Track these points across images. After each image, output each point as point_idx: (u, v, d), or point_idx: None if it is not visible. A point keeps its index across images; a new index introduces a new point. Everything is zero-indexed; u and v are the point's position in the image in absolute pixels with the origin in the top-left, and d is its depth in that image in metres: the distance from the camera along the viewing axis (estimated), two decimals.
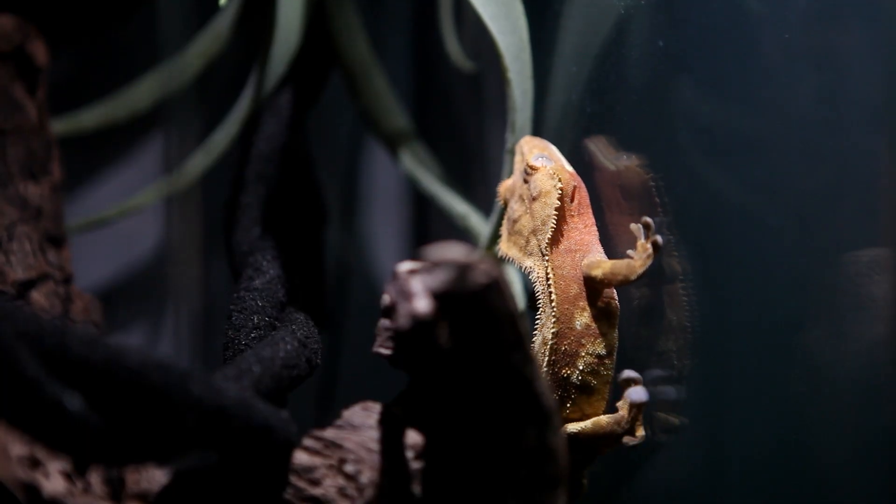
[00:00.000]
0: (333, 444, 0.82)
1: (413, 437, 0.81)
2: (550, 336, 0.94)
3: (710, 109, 0.96)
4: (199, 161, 1.28)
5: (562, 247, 0.97)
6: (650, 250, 0.92)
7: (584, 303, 0.95)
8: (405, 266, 0.76)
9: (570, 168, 0.99)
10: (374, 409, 0.84)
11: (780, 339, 0.94)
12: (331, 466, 0.81)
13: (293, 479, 0.81)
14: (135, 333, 1.51)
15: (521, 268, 0.99)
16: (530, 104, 1.09)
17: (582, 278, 0.95)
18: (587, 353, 0.94)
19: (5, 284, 1.11)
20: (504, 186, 1.04)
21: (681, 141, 0.98)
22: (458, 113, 1.38)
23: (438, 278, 0.73)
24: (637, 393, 0.94)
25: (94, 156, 1.47)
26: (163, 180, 1.31)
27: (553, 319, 0.94)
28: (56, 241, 1.19)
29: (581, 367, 0.94)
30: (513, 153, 1.09)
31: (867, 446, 0.91)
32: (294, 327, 0.98)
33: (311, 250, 1.31)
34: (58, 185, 1.21)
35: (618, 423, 0.94)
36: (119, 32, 1.47)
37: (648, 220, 0.93)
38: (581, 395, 0.95)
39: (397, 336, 0.80)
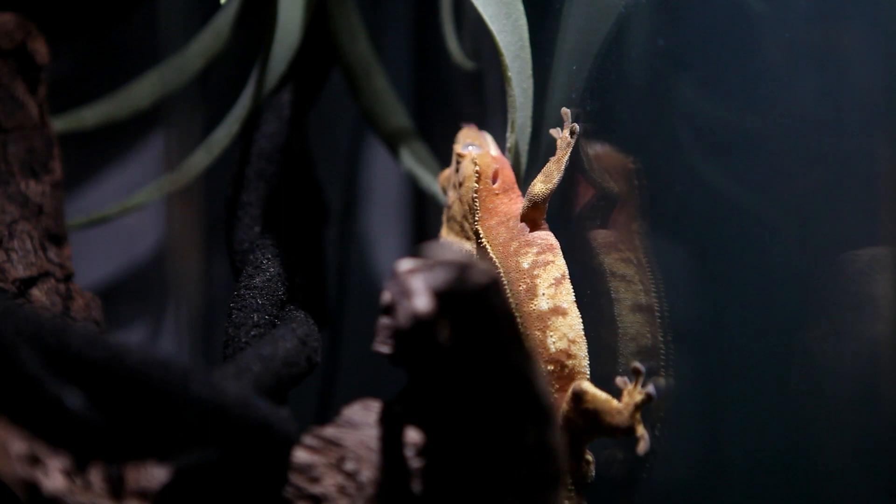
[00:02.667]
0: (333, 442, 0.82)
1: (413, 436, 0.81)
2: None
3: (710, 108, 0.96)
4: (200, 159, 1.28)
5: (493, 222, 1.04)
6: (569, 139, 1.01)
7: (524, 248, 1.01)
8: (405, 264, 0.76)
9: (495, 153, 1.07)
10: (374, 407, 0.84)
11: (779, 338, 0.94)
12: (330, 464, 0.81)
13: (293, 477, 0.81)
14: (135, 331, 1.51)
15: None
16: (530, 103, 1.09)
17: (518, 236, 1.01)
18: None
19: (6, 282, 1.11)
20: (443, 176, 1.12)
21: (681, 140, 0.98)
22: (459, 112, 1.38)
23: (439, 277, 0.73)
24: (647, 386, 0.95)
25: (94, 154, 1.47)
26: (163, 178, 1.31)
27: (507, 292, 0.99)
28: (57, 238, 1.19)
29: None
30: (513, 152, 1.09)
31: (867, 445, 0.91)
32: (294, 325, 0.98)
33: (312, 248, 1.31)
34: (59, 183, 1.21)
35: (620, 411, 0.95)
36: (120, 30, 1.47)
37: (566, 109, 1.01)
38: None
39: (397, 334, 0.80)
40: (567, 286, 0.99)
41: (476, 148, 1.07)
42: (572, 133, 1.01)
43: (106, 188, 1.47)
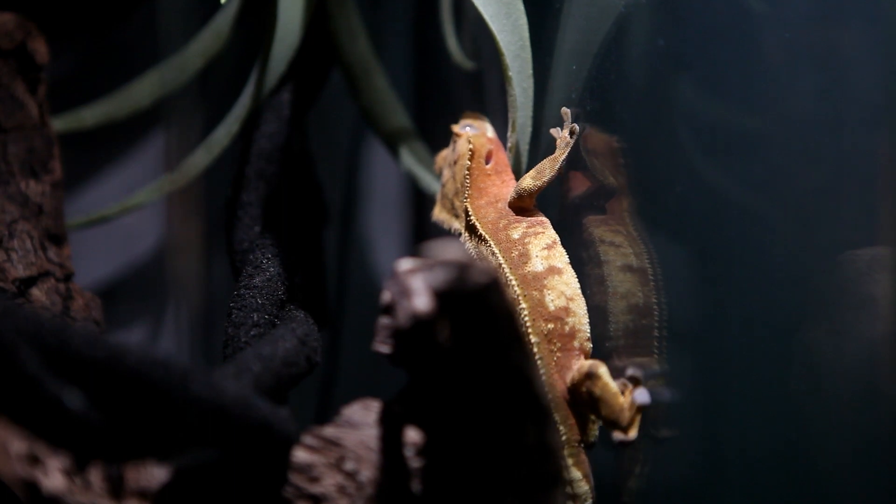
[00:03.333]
0: (333, 442, 0.82)
1: (412, 435, 0.81)
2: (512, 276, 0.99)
3: (710, 108, 0.96)
4: (200, 159, 1.28)
5: (482, 201, 1.05)
6: (569, 139, 1.01)
7: (513, 224, 1.02)
8: (405, 264, 0.76)
9: (491, 135, 1.08)
10: (374, 406, 0.84)
11: (779, 338, 0.94)
12: (330, 464, 0.81)
13: (293, 477, 0.81)
14: (135, 331, 1.51)
15: (450, 230, 1.07)
16: (531, 103, 1.09)
17: (507, 216, 1.03)
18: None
19: (6, 282, 1.11)
20: (440, 156, 1.14)
21: (681, 139, 0.98)
22: (459, 111, 1.38)
23: (439, 277, 0.73)
24: (641, 395, 0.95)
25: (94, 153, 1.47)
26: (163, 178, 1.31)
27: (500, 260, 1.00)
28: (57, 238, 1.19)
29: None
30: (514, 151, 1.09)
31: (867, 445, 0.91)
32: (294, 325, 0.98)
33: (312, 248, 1.31)
34: (59, 183, 1.21)
35: (623, 409, 0.95)
36: (120, 30, 1.47)
37: (566, 109, 1.01)
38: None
39: (397, 334, 0.80)
40: (560, 249, 1.00)
41: (473, 129, 1.09)
42: (572, 133, 1.02)
43: (106, 188, 1.47)
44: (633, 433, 0.94)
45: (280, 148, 1.25)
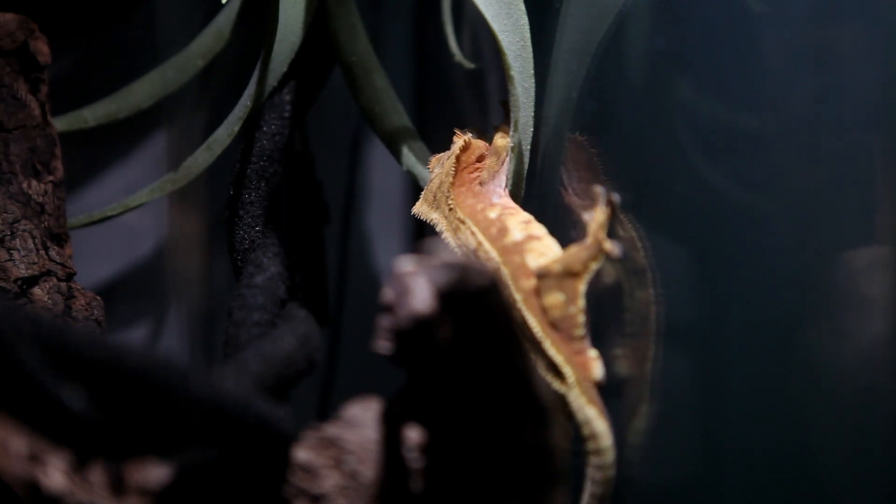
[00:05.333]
0: (333, 441, 0.82)
1: (412, 435, 0.81)
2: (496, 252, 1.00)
3: (709, 108, 0.96)
4: (201, 158, 1.27)
5: (464, 188, 1.08)
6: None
7: (490, 207, 1.04)
8: (405, 264, 0.76)
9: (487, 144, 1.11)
10: (374, 406, 0.84)
11: (778, 337, 0.94)
12: (330, 463, 0.82)
13: (292, 476, 0.81)
14: (137, 330, 1.51)
15: (429, 221, 1.09)
16: (532, 102, 1.09)
17: (484, 200, 1.06)
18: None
19: (8, 281, 1.11)
20: (435, 157, 1.16)
21: (680, 139, 0.98)
22: (459, 111, 1.38)
23: (439, 277, 0.73)
24: (590, 214, 0.95)
25: (96, 153, 1.47)
26: (165, 177, 1.31)
27: (480, 238, 1.01)
28: (58, 238, 1.20)
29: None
30: (515, 151, 1.09)
31: (866, 444, 0.91)
32: (295, 324, 0.99)
33: (312, 247, 1.31)
34: (60, 183, 1.21)
35: (583, 248, 0.95)
36: (121, 30, 1.47)
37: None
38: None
39: (397, 333, 0.80)
40: (538, 224, 1.01)
41: (475, 136, 1.12)
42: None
43: (107, 187, 1.48)
44: (608, 245, 0.94)
45: (281, 147, 1.25)
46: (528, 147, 1.10)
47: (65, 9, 1.42)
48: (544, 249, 0.97)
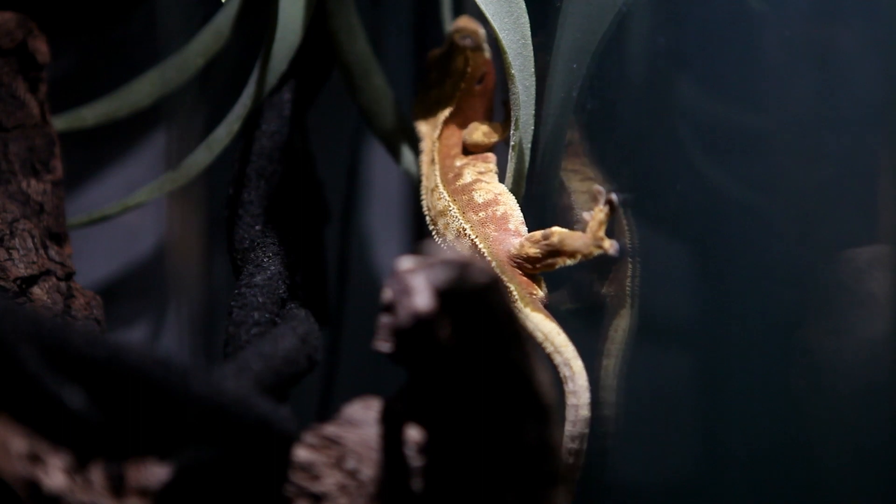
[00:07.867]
0: (333, 441, 0.82)
1: (413, 434, 0.81)
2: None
3: (710, 106, 0.96)
4: (201, 157, 1.27)
5: (458, 120, 1.13)
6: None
7: (458, 154, 1.10)
8: (406, 262, 0.76)
9: (488, 55, 1.15)
10: (375, 404, 0.84)
11: (779, 336, 0.94)
12: (331, 463, 0.81)
13: (293, 475, 0.81)
14: (136, 329, 1.51)
15: (416, 131, 1.15)
16: (533, 101, 1.09)
17: (458, 147, 1.12)
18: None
19: (7, 281, 1.11)
20: (432, 54, 1.19)
21: (681, 138, 0.98)
22: None
23: (439, 275, 0.73)
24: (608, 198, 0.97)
25: (95, 152, 1.47)
26: (164, 177, 1.31)
27: (437, 181, 1.07)
28: (58, 237, 1.19)
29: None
30: (517, 150, 1.09)
31: (866, 443, 0.91)
32: (295, 324, 0.99)
33: (312, 247, 1.31)
34: (59, 182, 1.21)
35: (586, 234, 0.97)
36: (120, 29, 1.47)
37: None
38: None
39: (398, 332, 0.80)
40: (493, 176, 1.07)
41: (472, 41, 1.15)
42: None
43: (107, 187, 1.47)
44: (607, 243, 0.96)
45: (281, 147, 1.25)
46: (529, 145, 1.10)
47: (64, 8, 1.42)
48: (490, 187, 1.05)
